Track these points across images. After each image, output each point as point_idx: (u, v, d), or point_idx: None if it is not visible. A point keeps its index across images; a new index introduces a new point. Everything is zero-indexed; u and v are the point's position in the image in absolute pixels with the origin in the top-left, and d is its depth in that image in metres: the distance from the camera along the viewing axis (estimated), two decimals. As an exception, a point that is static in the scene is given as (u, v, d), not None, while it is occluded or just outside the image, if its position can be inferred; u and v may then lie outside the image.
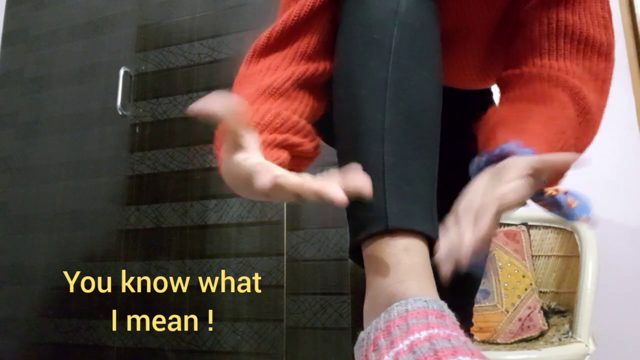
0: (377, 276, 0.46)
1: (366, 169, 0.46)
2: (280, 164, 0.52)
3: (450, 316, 0.40)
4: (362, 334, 0.44)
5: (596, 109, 0.60)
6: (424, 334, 0.37)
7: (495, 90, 0.86)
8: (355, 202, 0.47)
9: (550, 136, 0.55)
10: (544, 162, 0.48)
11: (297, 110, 0.59)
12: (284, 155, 0.55)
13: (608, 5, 0.62)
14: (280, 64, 0.61)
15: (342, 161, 0.53)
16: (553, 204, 0.54)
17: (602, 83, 0.61)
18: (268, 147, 0.53)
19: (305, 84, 0.61)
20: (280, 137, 0.55)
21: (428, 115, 0.51)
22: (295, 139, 0.57)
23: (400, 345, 0.37)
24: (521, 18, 0.65)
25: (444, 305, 0.41)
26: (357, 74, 0.52)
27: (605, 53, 0.61)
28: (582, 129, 0.60)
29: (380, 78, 0.50)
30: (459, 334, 0.38)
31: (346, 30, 0.57)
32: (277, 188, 0.41)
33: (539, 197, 0.54)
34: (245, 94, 0.59)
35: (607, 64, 0.61)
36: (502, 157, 0.51)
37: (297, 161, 0.60)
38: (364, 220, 0.47)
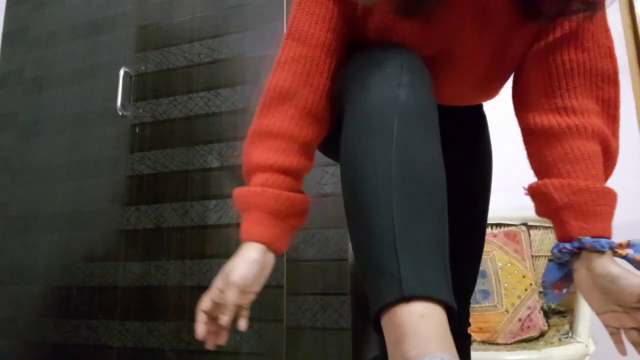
0: (397, 344, 0.46)
1: (378, 240, 0.50)
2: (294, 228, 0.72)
3: None
4: None
5: (616, 148, 0.71)
6: None
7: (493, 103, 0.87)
8: (372, 273, 0.51)
9: (608, 208, 0.65)
10: None
11: (303, 139, 0.70)
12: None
13: (610, 33, 0.68)
14: (287, 110, 0.70)
15: (353, 235, 0.56)
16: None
17: (614, 110, 0.70)
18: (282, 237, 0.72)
19: (312, 118, 0.70)
20: (292, 224, 0.72)
21: (434, 186, 0.54)
22: (300, 221, 0.74)
23: None
24: (529, 56, 0.68)
25: None
26: (363, 156, 0.56)
27: (613, 80, 0.68)
28: (607, 167, 0.71)
29: (384, 157, 0.54)
30: None
31: (350, 119, 0.61)
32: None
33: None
34: (255, 162, 0.71)
35: (615, 89, 0.69)
36: (581, 248, 0.61)
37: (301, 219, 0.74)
38: (381, 290, 0.49)
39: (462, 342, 0.86)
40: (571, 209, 0.63)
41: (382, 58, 0.63)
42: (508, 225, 1.58)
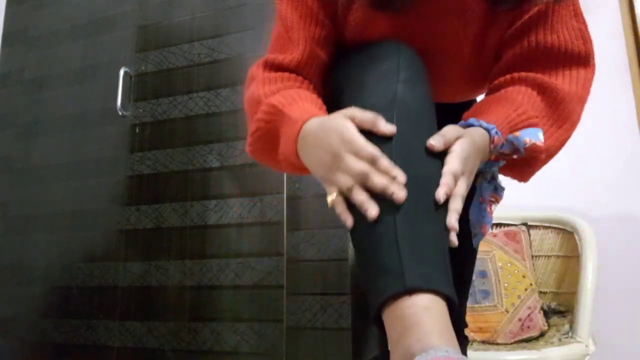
0: (400, 337, 0.46)
1: (380, 236, 0.51)
2: None
3: None
4: None
5: (572, 100, 0.67)
6: None
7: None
8: (373, 268, 0.51)
9: (510, 114, 0.63)
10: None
11: None
12: None
13: (583, 17, 0.69)
14: (301, 81, 0.69)
15: (354, 232, 0.56)
16: (507, 150, 0.63)
17: (582, 89, 0.68)
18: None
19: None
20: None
21: (433, 182, 0.54)
22: None
23: None
24: (504, 41, 0.69)
25: (466, 358, 0.43)
26: None
27: (584, 62, 0.68)
28: (555, 115, 0.66)
29: (388, 154, 0.54)
30: None
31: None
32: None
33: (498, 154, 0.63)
34: (277, 87, 0.67)
35: (587, 69, 0.69)
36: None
37: None
38: (383, 284, 0.49)
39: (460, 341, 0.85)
40: (470, 113, 0.66)
41: (379, 55, 0.63)
42: (508, 225, 1.58)
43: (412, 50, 0.65)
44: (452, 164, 0.55)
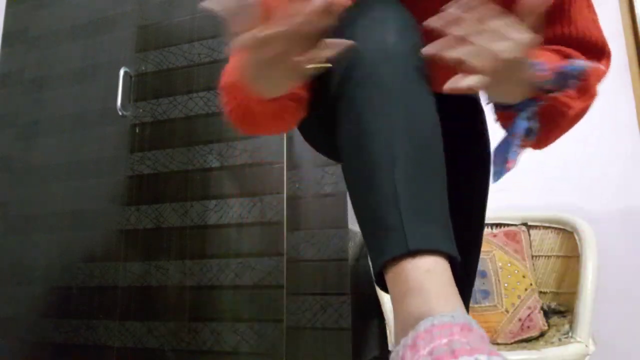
0: (403, 300, 0.46)
1: (380, 197, 0.49)
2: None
3: (478, 330, 0.41)
4: (392, 354, 0.45)
5: (591, 74, 0.65)
6: (444, 340, 0.38)
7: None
8: (374, 230, 0.50)
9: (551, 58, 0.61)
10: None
11: None
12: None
13: (594, 8, 0.70)
14: None
15: (354, 192, 0.55)
16: (556, 79, 0.59)
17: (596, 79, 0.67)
18: None
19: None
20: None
21: (433, 139, 0.53)
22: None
23: (422, 352, 0.39)
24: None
25: (473, 320, 0.42)
26: (360, 110, 0.55)
27: (600, 50, 0.68)
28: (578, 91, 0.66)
29: (382, 111, 0.53)
30: (484, 345, 0.39)
31: (340, 72, 0.59)
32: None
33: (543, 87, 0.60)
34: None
35: (602, 61, 0.68)
36: None
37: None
38: (384, 246, 0.48)
39: None
40: None
41: (367, 5, 0.61)
42: (508, 225, 1.58)
43: (400, 4, 0.63)
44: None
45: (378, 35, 0.57)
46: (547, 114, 0.64)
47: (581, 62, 0.57)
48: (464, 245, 0.83)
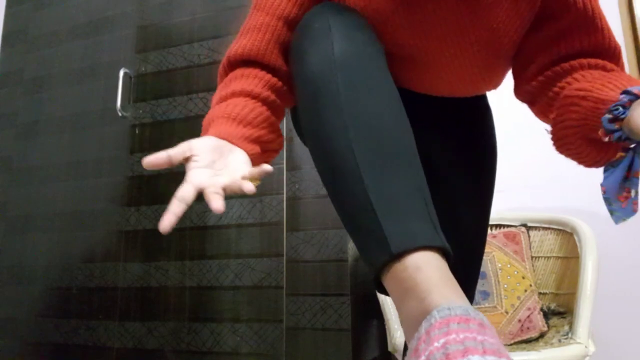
0: (402, 303, 0.46)
1: (354, 203, 0.50)
2: (252, 156, 0.62)
3: (475, 318, 0.40)
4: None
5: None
6: (441, 341, 0.38)
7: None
8: (359, 238, 0.51)
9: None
10: None
11: (271, 111, 0.66)
12: (257, 149, 0.62)
13: (605, 18, 0.68)
14: (254, 75, 0.67)
15: (333, 202, 0.56)
16: None
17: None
18: (245, 140, 0.61)
19: (276, 92, 0.67)
20: (256, 133, 0.63)
21: (395, 135, 0.53)
22: (269, 136, 0.65)
23: (422, 357, 0.39)
24: (540, 39, 0.68)
25: (469, 308, 0.41)
26: (317, 124, 0.55)
27: (619, 56, 0.67)
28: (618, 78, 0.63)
29: (338, 125, 0.53)
30: (483, 334, 0.38)
31: (298, 89, 0.61)
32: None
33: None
34: (224, 93, 0.65)
35: (621, 64, 0.67)
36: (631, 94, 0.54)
37: (267, 155, 0.67)
38: (371, 254, 0.49)
39: None
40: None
41: (308, 18, 0.61)
42: (507, 226, 1.58)
43: (340, 3, 0.62)
44: None
45: (324, 46, 0.57)
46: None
47: None
48: (473, 240, 0.82)
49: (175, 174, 1.63)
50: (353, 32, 0.59)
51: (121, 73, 1.75)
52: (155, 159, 0.55)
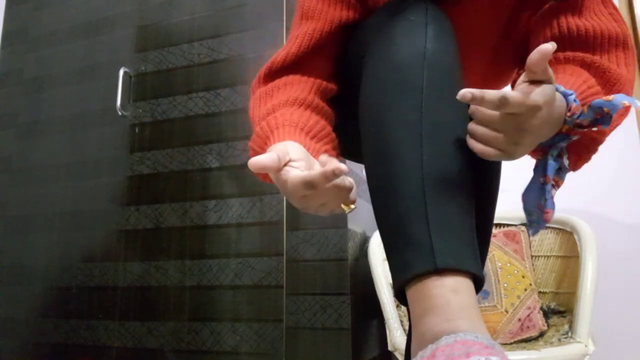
0: (424, 316, 0.45)
1: (407, 209, 0.48)
2: None
3: (499, 351, 0.40)
4: None
5: (625, 83, 0.60)
6: (463, 352, 0.38)
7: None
8: (398, 242, 0.49)
9: (581, 85, 0.55)
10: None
11: (326, 120, 0.64)
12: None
13: (611, 2, 0.65)
14: (300, 82, 0.65)
15: (377, 200, 0.54)
16: (586, 121, 0.53)
17: (625, 66, 0.62)
18: (317, 154, 0.58)
19: (324, 98, 0.65)
20: (323, 148, 0.60)
21: (462, 153, 0.51)
22: (332, 152, 0.62)
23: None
24: (532, 26, 0.67)
25: (496, 343, 0.41)
26: (389, 117, 0.53)
27: (622, 43, 0.63)
28: (606, 89, 0.60)
29: (413, 119, 0.51)
30: None
31: (373, 73, 0.57)
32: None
33: (577, 120, 0.54)
34: (271, 105, 0.62)
35: (626, 51, 0.63)
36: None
37: None
38: (409, 260, 0.47)
39: None
40: None
41: (405, 8, 0.59)
42: (507, 225, 1.58)
43: (437, 5, 0.61)
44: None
45: (417, 39, 0.55)
46: (579, 144, 0.59)
47: (620, 99, 0.51)
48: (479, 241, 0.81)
49: (175, 174, 1.63)
50: (445, 34, 0.57)
51: (121, 72, 1.75)
52: (266, 162, 0.49)
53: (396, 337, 1.33)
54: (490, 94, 0.45)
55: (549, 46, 0.45)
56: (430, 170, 0.49)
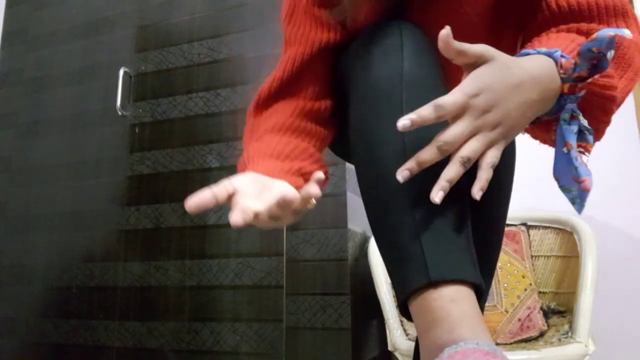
0: (428, 330, 0.46)
1: (398, 225, 0.49)
2: (297, 189, 0.56)
3: (500, 356, 0.40)
4: None
5: (630, 46, 0.58)
6: None
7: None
8: (394, 258, 0.50)
9: (569, 45, 0.53)
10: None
11: (308, 140, 0.65)
12: (300, 181, 0.60)
13: None
14: (284, 108, 0.67)
15: (372, 219, 0.55)
16: (585, 71, 0.51)
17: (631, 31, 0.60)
18: (287, 174, 0.60)
19: (310, 118, 0.67)
20: (296, 166, 0.61)
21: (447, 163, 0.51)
22: (310, 167, 0.63)
23: None
24: (525, 8, 0.65)
25: (498, 348, 0.42)
26: (374, 136, 0.54)
27: (621, 12, 0.60)
28: (615, 61, 0.57)
29: (396, 137, 0.52)
30: None
31: (355, 98, 0.59)
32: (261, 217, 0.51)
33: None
34: (255, 136, 0.65)
35: (627, 20, 0.60)
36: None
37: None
38: (406, 276, 0.48)
39: None
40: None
41: (380, 32, 0.60)
42: (507, 225, 1.58)
43: (413, 25, 0.61)
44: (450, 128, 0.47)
45: (394, 60, 0.56)
46: (592, 105, 0.56)
47: (604, 32, 0.48)
48: (488, 242, 0.81)
49: (175, 174, 1.63)
50: (422, 53, 0.58)
51: (121, 72, 1.75)
52: (200, 201, 0.49)
53: (396, 337, 1.33)
54: (424, 112, 0.46)
55: (444, 31, 0.46)
56: (415, 184, 0.49)
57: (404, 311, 0.50)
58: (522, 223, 1.56)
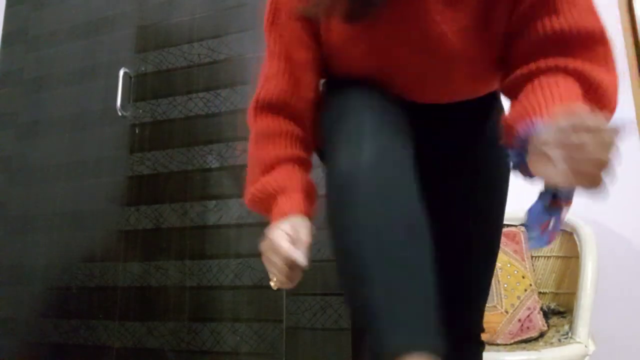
0: None
1: (357, 297, 0.56)
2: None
3: None
4: None
5: (608, 84, 0.64)
6: None
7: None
8: (359, 324, 0.55)
9: (556, 103, 0.58)
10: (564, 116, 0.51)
11: (306, 169, 0.82)
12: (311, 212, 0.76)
13: None
14: (279, 133, 0.77)
15: (341, 283, 0.62)
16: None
17: (606, 64, 0.65)
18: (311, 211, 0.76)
19: (301, 144, 0.80)
20: (310, 204, 0.79)
21: (410, 237, 0.57)
22: (315, 200, 0.80)
23: None
24: (514, 26, 0.66)
25: None
26: (338, 232, 0.63)
27: (599, 39, 0.64)
28: (595, 103, 0.63)
29: (349, 225, 0.59)
30: None
31: (326, 188, 0.68)
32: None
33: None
34: (268, 157, 0.77)
35: (605, 47, 0.65)
36: (525, 142, 0.56)
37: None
38: (370, 344, 0.53)
39: (470, 349, 0.84)
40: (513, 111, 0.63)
41: (341, 115, 0.67)
42: (507, 225, 1.58)
43: (381, 93, 0.67)
44: None
45: (353, 150, 0.62)
46: None
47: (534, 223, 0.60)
48: (482, 248, 0.84)
49: (175, 174, 1.63)
50: (383, 136, 0.64)
51: (121, 73, 1.75)
52: (294, 256, 0.69)
53: (396, 338, 1.32)
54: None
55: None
56: (373, 265, 0.54)
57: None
58: (522, 223, 1.56)
